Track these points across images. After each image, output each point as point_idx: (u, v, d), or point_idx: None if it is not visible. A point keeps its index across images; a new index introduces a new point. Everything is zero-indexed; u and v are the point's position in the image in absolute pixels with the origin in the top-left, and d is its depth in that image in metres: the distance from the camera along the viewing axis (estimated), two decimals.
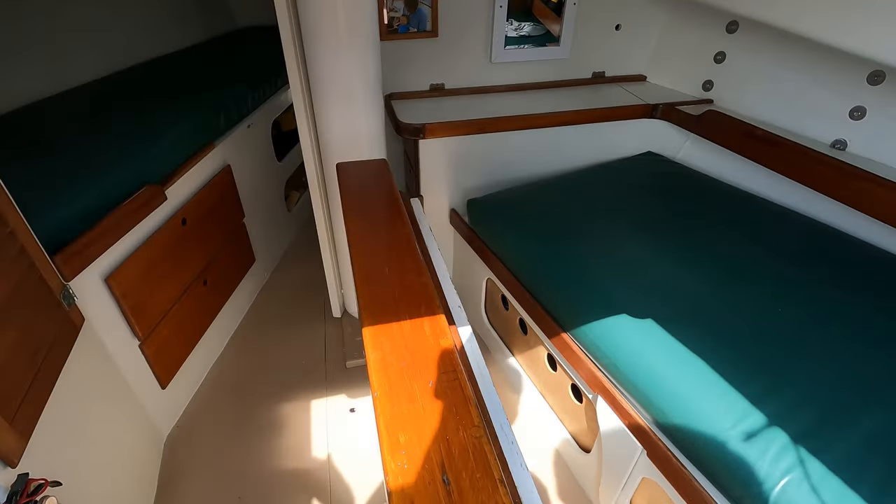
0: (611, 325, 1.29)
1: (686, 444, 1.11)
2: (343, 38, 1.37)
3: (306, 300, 2.31)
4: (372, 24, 1.43)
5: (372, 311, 0.81)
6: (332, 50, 1.40)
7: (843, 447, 0.96)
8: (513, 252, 1.66)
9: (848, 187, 1.50)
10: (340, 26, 1.36)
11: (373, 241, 0.98)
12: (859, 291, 1.33)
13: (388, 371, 0.70)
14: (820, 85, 1.68)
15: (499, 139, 1.89)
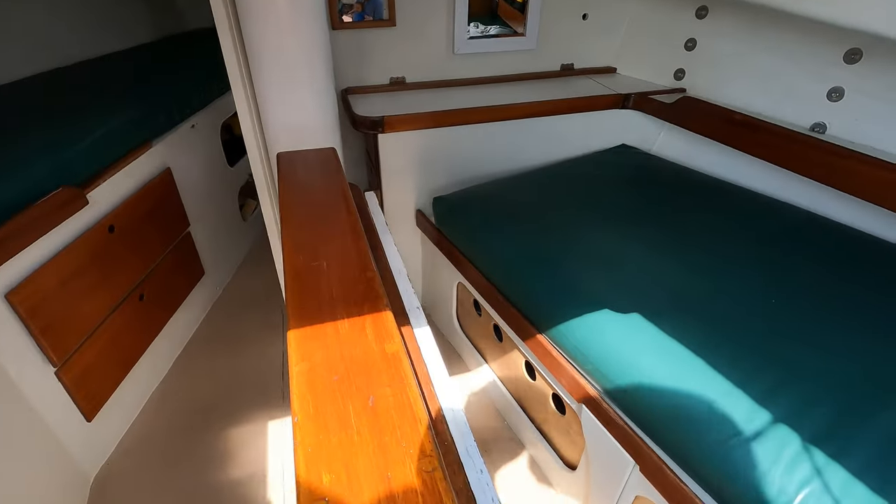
0: (594, 326, 1.15)
1: (684, 456, 0.97)
2: (283, 14, 1.22)
3: (264, 314, 2.12)
4: (316, 2, 1.29)
5: (301, 312, 0.65)
6: (273, 27, 1.25)
7: (863, 449, 0.84)
8: (483, 252, 1.52)
9: (832, 167, 1.41)
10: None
11: (310, 233, 0.83)
12: (850, 277, 1.23)
13: (314, 387, 0.54)
14: (796, 67, 1.61)
15: (465, 133, 1.76)
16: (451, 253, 1.67)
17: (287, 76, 1.33)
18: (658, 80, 2.05)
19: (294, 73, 1.33)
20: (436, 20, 1.84)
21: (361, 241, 0.81)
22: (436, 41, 1.89)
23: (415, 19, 1.81)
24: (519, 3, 2.02)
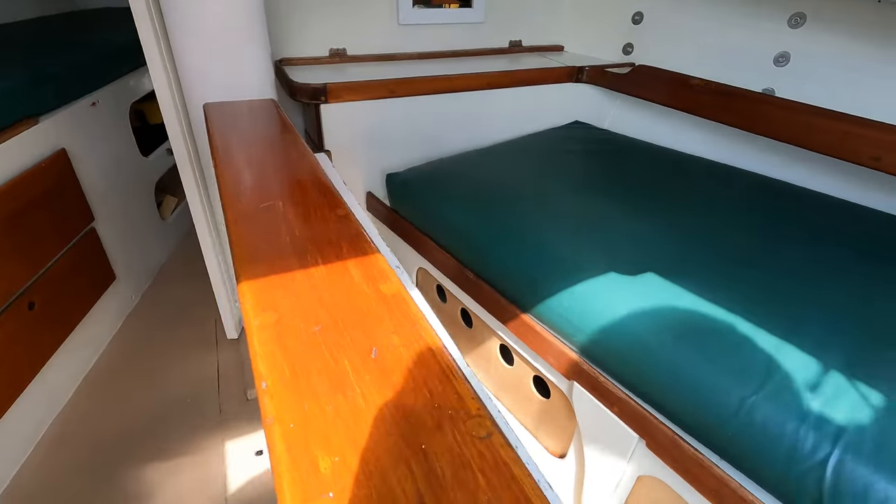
0: (581, 293, 1.04)
1: (697, 426, 0.87)
2: None
3: (191, 323, 1.83)
4: None
5: (254, 258, 0.47)
6: None
7: (886, 386, 0.78)
8: (448, 229, 1.37)
9: (793, 124, 1.41)
10: None
11: (256, 175, 0.64)
12: (816, 234, 1.22)
13: (286, 343, 0.37)
14: (742, 34, 1.62)
15: (417, 105, 1.62)
16: (410, 234, 1.51)
17: (212, 32, 1.13)
18: (607, 56, 2.03)
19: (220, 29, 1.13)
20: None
21: (324, 182, 0.64)
22: (379, 10, 1.74)
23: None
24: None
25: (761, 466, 0.79)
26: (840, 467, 0.71)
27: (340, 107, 1.50)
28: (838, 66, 1.45)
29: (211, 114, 0.88)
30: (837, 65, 1.45)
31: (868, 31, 1.38)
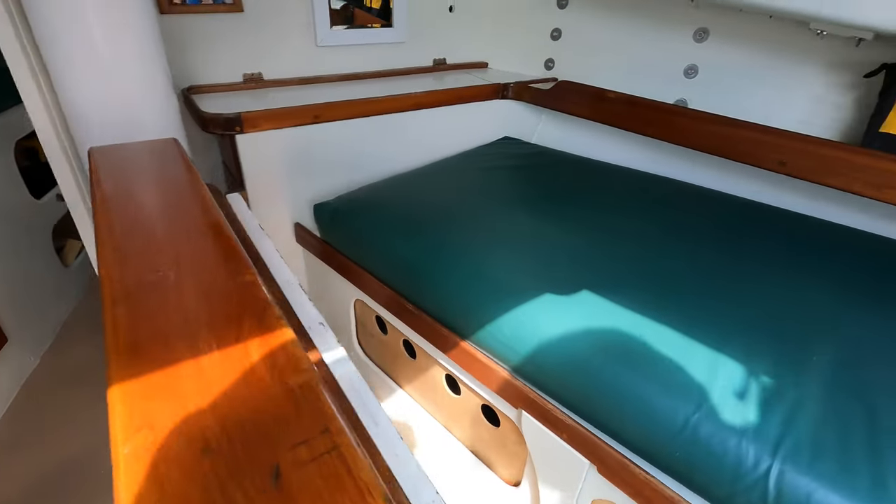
0: (518, 317, 1.02)
1: (645, 447, 0.87)
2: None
3: (100, 384, 1.64)
4: None
5: (131, 354, 0.39)
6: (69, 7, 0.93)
7: (816, 394, 0.80)
8: (383, 258, 1.32)
9: (705, 134, 1.48)
10: None
11: (143, 239, 0.56)
12: (746, 244, 1.28)
13: (162, 476, 0.30)
14: (654, 49, 1.70)
15: (341, 130, 1.55)
16: (344, 266, 1.43)
17: (98, 62, 1.01)
18: (529, 71, 2.06)
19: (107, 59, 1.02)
20: (292, 6, 1.62)
21: (229, 240, 0.57)
22: (295, 31, 1.66)
23: (267, 4, 1.56)
24: (376, 10, 1.88)
25: (709, 483, 0.79)
26: (781, 479, 0.72)
27: (259, 136, 1.41)
28: (741, 77, 1.55)
29: (97, 161, 0.77)
30: (740, 75, 1.55)
31: (764, 44, 1.48)
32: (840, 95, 1.40)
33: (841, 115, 1.41)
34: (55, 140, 1.11)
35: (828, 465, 0.71)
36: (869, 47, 1.29)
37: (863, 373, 0.85)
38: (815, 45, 1.38)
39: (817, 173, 1.27)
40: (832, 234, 1.30)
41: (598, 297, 1.01)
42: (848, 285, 1.09)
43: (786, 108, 1.50)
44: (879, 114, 1.22)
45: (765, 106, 1.52)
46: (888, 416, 0.77)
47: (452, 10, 1.96)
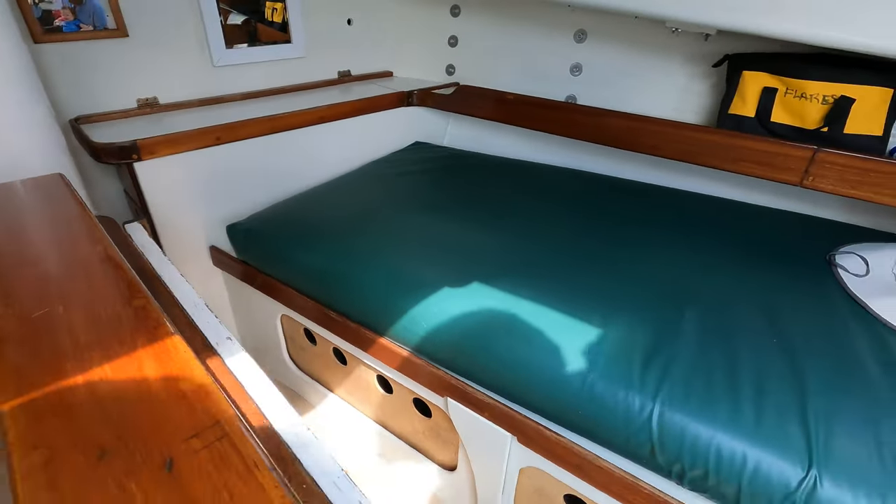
0: (434, 312, 1.09)
1: (555, 413, 0.96)
2: None
3: None
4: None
5: (20, 381, 0.41)
6: None
7: (687, 348, 0.93)
8: (300, 271, 1.34)
9: (592, 126, 1.63)
10: None
11: (26, 278, 0.56)
12: (630, 220, 1.43)
13: (60, 485, 0.33)
14: (542, 51, 1.83)
15: (248, 149, 1.55)
16: (265, 284, 1.44)
17: None
18: (433, 77, 2.15)
19: None
20: (182, 28, 1.59)
21: (119, 269, 0.58)
22: (189, 53, 1.63)
23: (155, 27, 1.53)
24: (279, 23, 1.89)
25: (608, 434, 0.90)
26: (661, 419, 0.83)
27: (158, 162, 1.38)
28: (619, 72, 1.72)
29: None
30: (618, 71, 1.72)
31: (634, 42, 1.65)
32: (700, 84, 1.59)
33: (703, 102, 1.61)
34: None
35: (695, 403, 0.83)
36: (715, 41, 1.48)
37: (725, 324, 1.00)
38: (673, 41, 1.56)
39: (684, 153, 1.45)
40: (701, 205, 1.49)
41: (503, 284, 1.10)
42: (714, 248, 1.26)
43: (659, 98, 1.68)
44: (727, 98, 1.41)
45: (641, 97, 1.70)
46: (744, 359, 0.90)
47: (351, 22, 2.01)
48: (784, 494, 0.74)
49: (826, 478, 0.73)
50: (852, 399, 0.82)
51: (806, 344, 0.94)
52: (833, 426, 0.78)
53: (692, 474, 0.82)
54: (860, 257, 1.20)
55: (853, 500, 0.71)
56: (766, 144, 1.30)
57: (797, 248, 1.27)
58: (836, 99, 1.23)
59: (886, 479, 0.71)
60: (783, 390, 0.84)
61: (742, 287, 1.11)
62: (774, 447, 0.76)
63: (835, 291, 1.11)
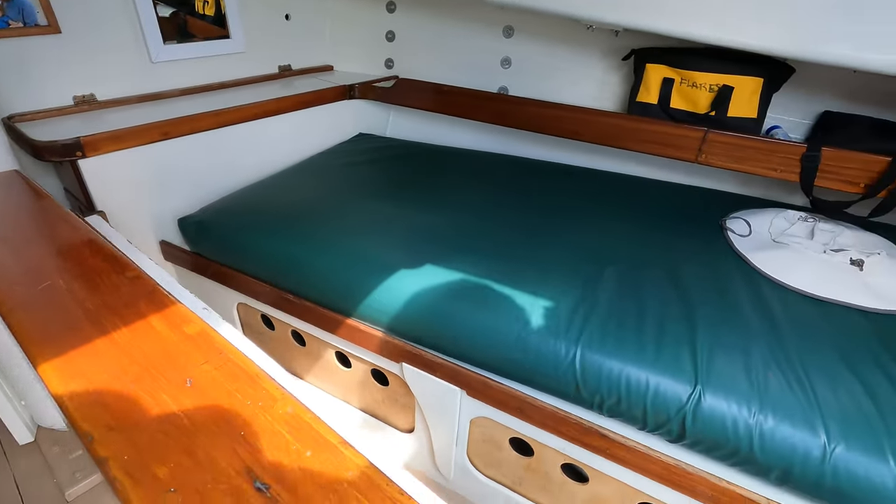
0: (388, 286, 1.20)
1: (497, 365, 1.11)
2: None
3: None
4: None
5: (46, 338, 0.49)
6: None
7: (604, 301, 1.10)
8: (257, 258, 1.41)
9: (521, 115, 1.79)
10: None
11: (22, 257, 0.63)
12: (555, 197, 1.61)
13: (105, 400, 0.42)
14: (474, 44, 1.97)
15: (195, 143, 1.58)
16: (221, 273, 1.49)
17: None
18: (373, 71, 2.23)
19: None
20: (118, 24, 1.59)
21: (105, 248, 0.66)
22: (125, 49, 1.63)
23: (89, 24, 1.52)
24: (211, 17, 1.90)
25: (543, 379, 1.05)
26: (583, 360, 1.00)
27: (104, 159, 1.39)
28: (543, 65, 1.88)
29: None
30: (542, 64, 1.88)
31: (555, 37, 1.81)
32: (614, 75, 1.79)
33: (617, 91, 1.81)
34: None
35: (609, 344, 1.00)
36: (623, 37, 1.67)
37: (636, 280, 1.18)
38: (589, 38, 1.74)
39: (601, 137, 1.63)
40: (616, 182, 1.70)
41: (448, 259, 1.23)
42: (628, 218, 1.46)
43: (580, 88, 1.86)
44: (635, 87, 1.61)
45: (565, 87, 1.87)
46: (650, 307, 1.08)
47: (289, 17, 2.05)
48: (677, 408, 0.92)
49: (708, 392, 0.91)
50: (730, 331, 1.02)
51: (698, 292, 1.14)
52: (714, 353, 0.97)
53: (609, 403, 0.99)
54: (745, 221, 1.43)
55: (727, 407, 0.90)
56: (667, 127, 1.51)
57: (696, 215, 1.49)
58: (719, 87, 1.45)
59: (752, 391, 0.91)
60: (678, 329, 1.03)
61: (651, 249, 1.30)
62: (669, 372, 0.94)
63: (724, 249, 1.33)
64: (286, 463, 0.37)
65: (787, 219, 1.43)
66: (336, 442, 0.39)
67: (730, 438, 0.89)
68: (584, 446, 1.05)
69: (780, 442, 0.86)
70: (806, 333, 1.02)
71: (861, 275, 1.20)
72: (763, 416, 0.87)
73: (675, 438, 0.96)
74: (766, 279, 1.21)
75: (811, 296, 1.14)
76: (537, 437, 1.13)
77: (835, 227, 1.37)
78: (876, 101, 1.45)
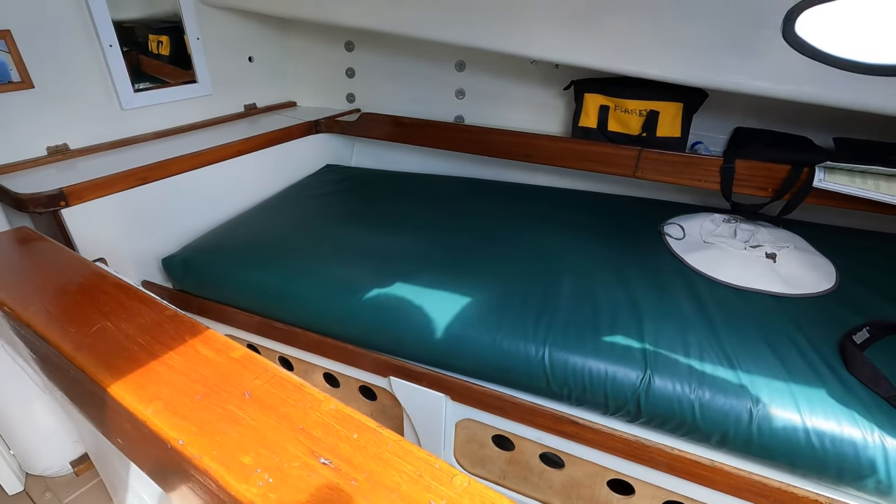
0: (374, 306, 1.31)
1: (475, 370, 1.24)
2: None
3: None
4: None
5: (112, 369, 0.59)
6: None
7: (564, 305, 1.26)
8: (244, 290, 1.49)
9: (477, 142, 1.96)
10: None
11: (59, 308, 0.72)
12: (512, 214, 1.78)
13: (180, 412, 0.53)
14: (430, 79, 2.14)
15: (172, 185, 1.65)
16: (205, 308, 1.56)
17: None
18: (334, 105, 2.36)
19: None
20: (88, 76, 1.65)
21: (135, 292, 0.76)
22: (96, 99, 1.69)
23: (60, 78, 1.57)
24: (166, 56, 1.97)
25: (516, 377, 1.20)
26: (551, 357, 1.15)
27: (85, 207, 1.45)
28: (493, 95, 2.07)
29: None
30: (492, 94, 2.07)
31: (502, 70, 2.01)
32: (557, 102, 1.99)
33: (560, 116, 2.01)
34: None
35: (572, 342, 1.15)
36: (563, 70, 1.88)
37: (589, 283, 1.35)
38: (533, 70, 1.94)
39: (550, 158, 1.83)
40: (566, 197, 1.90)
41: (419, 277, 1.37)
42: (578, 228, 1.64)
43: (527, 114, 2.05)
44: (577, 114, 1.81)
45: (514, 114, 2.06)
46: (602, 307, 1.25)
47: (252, 59, 2.15)
48: (632, 391, 1.08)
49: (656, 376, 1.08)
50: (671, 323, 1.20)
51: (643, 291, 1.32)
52: (659, 342, 1.14)
53: (576, 392, 1.14)
54: (679, 225, 1.64)
55: (672, 387, 1.06)
56: (606, 148, 1.72)
57: (638, 223, 1.69)
58: (647, 112, 1.66)
59: (690, 371, 1.08)
60: (628, 324, 1.20)
61: (600, 255, 1.48)
62: (623, 361, 1.11)
63: (663, 252, 1.53)
64: (339, 444, 0.49)
65: (714, 221, 1.65)
66: (374, 426, 0.51)
67: (676, 412, 1.06)
68: (558, 433, 1.19)
69: (716, 410, 1.03)
70: (732, 319, 1.22)
71: (774, 266, 1.42)
72: (701, 390, 1.05)
73: (633, 418, 1.12)
74: (699, 275, 1.41)
75: (736, 287, 1.35)
76: (516, 431, 1.27)
77: (753, 227, 1.60)
78: (776, 116, 1.71)
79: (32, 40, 1.49)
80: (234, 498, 0.45)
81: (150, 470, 0.62)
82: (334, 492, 0.44)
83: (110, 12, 1.64)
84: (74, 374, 0.63)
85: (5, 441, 1.43)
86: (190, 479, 0.51)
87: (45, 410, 1.40)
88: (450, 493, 0.44)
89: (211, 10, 1.94)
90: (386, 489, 0.44)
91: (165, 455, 0.52)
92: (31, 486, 1.49)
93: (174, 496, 0.59)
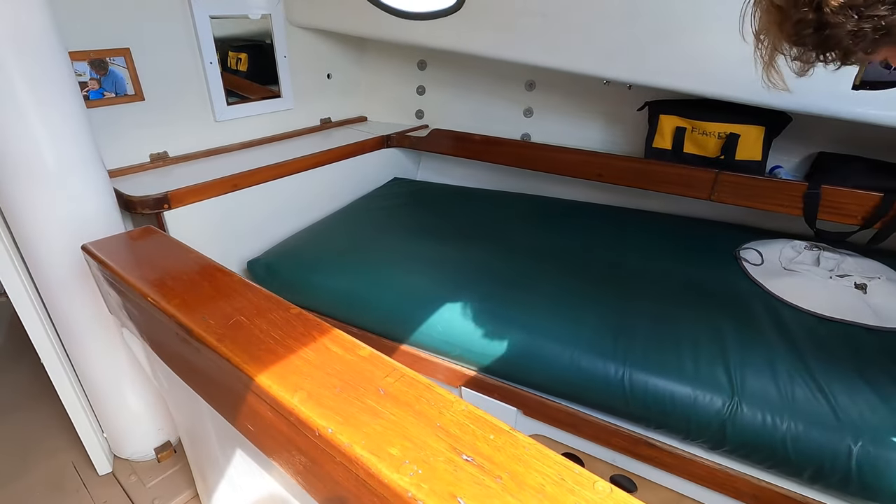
0: (446, 318, 1.35)
1: (551, 386, 1.24)
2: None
3: (32, 473, 1.59)
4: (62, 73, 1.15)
5: (257, 359, 0.64)
6: None
7: (643, 326, 1.26)
8: (320, 294, 1.56)
9: (547, 159, 1.98)
10: None
11: (198, 301, 0.79)
12: (579, 232, 1.78)
13: (325, 402, 0.57)
14: (498, 97, 2.18)
15: (257, 193, 1.76)
16: None
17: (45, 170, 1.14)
18: (404, 121, 2.44)
19: (54, 165, 1.15)
20: (190, 90, 1.79)
21: (261, 290, 0.82)
22: (194, 111, 1.83)
23: (166, 92, 1.72)
24: (243, 71, 2.10)
25: (592, 396, 1.19)
26: (631, 378, 1.14)
27: (183, 210, 1.56)
28: (564, 114, 2.09)
29: (102, 253, 0.94)
30: (563, 112, 2.09)
31: (573, 90, 2.03)
32: (629, 123, 1.99)
33: (632, 137, 2.00)
34: None
35: (653, 364, 1.14)
36: (636, 91, 1.88)
37: (667, 306, 1.33)
38: (605, 90, 1.95)
39: (623, 179, 1.82)
40: (638, 218, 1.87)
41: (492, 290, 1.39)
42: (652, 251, 1.62)
43: (597, 134, 2.06)
44: (651, 135, 1.81)
45: (583, 134, 2.08)
46: (683, 330, 1.23)
47: (330, 77, 2.27)
48: (717, 418, 1.06)
49: (744, 403, 1.05)
50: (756, 350, 1.17)
51: (723, 316, 1.29)
52: (746, 370, 1.11)
53: (655, 416, 1.13)
54: (756, 251, 1.60)
55: (761, 417, 1.04)
56: (682, 170, 1.70)
57: (712, 247, 1.66)
58: (727, 135, 1.64)
59: (781, 401, 1.05)
60: (711, 349, 1.17)
61: (674, 277, 1.46)
62: (709, 387, 1.09)
63: (741, 277, 1.49)
64: (478, 444, 0.51)
65: (795, 248, 1.59)
66: (507, 429, 0.53)
67: (766, 443, 1.02)
68: (634, 455, 1.18)
69: (810, 444, 0.99)
70: (822, 349, 1.17)
71: (865, 297, 1.36)
72: (793, 422, 1.01)
73: (714, 446, 1.10)
74: (782, 303, 1.36)
75: (823, 317, 1.30)
76: (587, 450, 1.26)
77: (838, 255, 1.53)
78: (861, 144, 1.64)
79: (146, 57, 1.64)
80: (386, 486, 0.48)
81: (280, 456, 0.66)
82: (482, 487, 0.47)
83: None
84: (213, 363, 0.68)
85: (100, 424, 1.54)
86: (328, 465, 0.55)
87: (136, 398, 1.50)
88: (594, 498, 0.46)
89: (298, 30, 2.07)
90: (531, 489, 0.47)
91: (308, 443, 0.57)
92: (119, 468, 1.60)
93: (299, 479, 0.63)
